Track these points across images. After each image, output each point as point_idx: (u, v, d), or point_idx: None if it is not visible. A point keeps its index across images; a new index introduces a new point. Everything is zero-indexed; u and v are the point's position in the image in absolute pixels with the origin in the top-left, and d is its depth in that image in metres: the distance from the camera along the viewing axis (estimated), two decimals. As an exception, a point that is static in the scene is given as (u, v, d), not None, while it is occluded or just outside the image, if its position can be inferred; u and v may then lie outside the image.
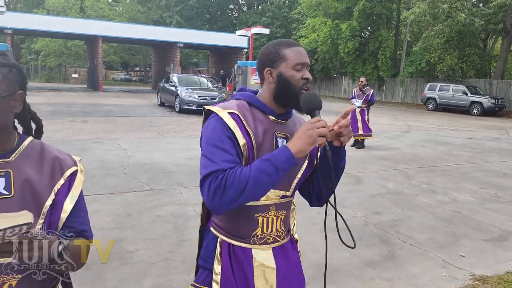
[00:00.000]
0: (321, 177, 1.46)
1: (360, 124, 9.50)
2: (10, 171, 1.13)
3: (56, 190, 1.19)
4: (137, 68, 59.34)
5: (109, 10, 43.57)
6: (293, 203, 1.61)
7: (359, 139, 9.69)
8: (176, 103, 16.41)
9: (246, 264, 1.45)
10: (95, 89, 28.70)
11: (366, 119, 9.56)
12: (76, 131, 10.21)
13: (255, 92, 1.52)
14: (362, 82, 9.67)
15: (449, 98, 22.71)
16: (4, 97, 1.12)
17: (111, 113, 14.92)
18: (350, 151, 9.33)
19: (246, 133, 1.36)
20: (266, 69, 1.43)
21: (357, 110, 9.50)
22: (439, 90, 23.27)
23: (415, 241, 4.27)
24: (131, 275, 3.29)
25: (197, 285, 1.51)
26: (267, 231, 1.46)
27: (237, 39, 28.16)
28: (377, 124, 14.86)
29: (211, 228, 1.52)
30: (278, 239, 1.51)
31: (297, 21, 37.63)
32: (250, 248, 1.45)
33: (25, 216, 0.94)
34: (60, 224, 1.18)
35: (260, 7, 43.71)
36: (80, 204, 1.24)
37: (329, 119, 1.27)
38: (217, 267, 1.45)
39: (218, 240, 1.48)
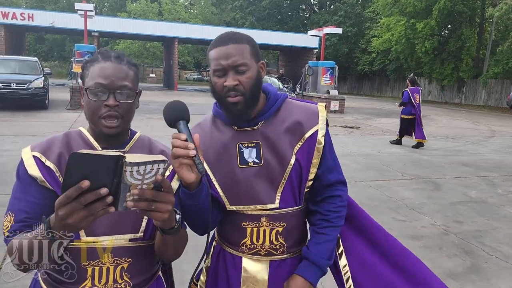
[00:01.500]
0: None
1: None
2: None
3: None
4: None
5: (184, 13, 45.39)
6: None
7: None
8: (246, 102, 16.63)
9: (233, 271, 1.38)
10: (170, 88, 30.10)
11: (401, 118, 10.15)
12: (153, 127, 10.74)
13: None
14: None
15: (540, 101, 20.71)
16: (139, 93, 1.26)
17: (185, 111, 15.51)
18: (427, 155, 8.87)
19: None
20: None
21: None
22: (528, 93, 21.33)
23: (502, 255, 3.94)
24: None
25: (194, 280, 1.52)
26: (257, 242, 1.35)
27: (308, 39, 27.92)
28: (456, 128, 13.97)
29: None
30: (275, 252, 1.36)
31: (371, 20, 36.44)
32: (241, 257, 1.37)
33: (161, 157, 0.90)
34: None
35: (332, 7, 43.03)
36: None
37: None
38: (206, 267, 1.45)
39: (214, 242, 1.48)
